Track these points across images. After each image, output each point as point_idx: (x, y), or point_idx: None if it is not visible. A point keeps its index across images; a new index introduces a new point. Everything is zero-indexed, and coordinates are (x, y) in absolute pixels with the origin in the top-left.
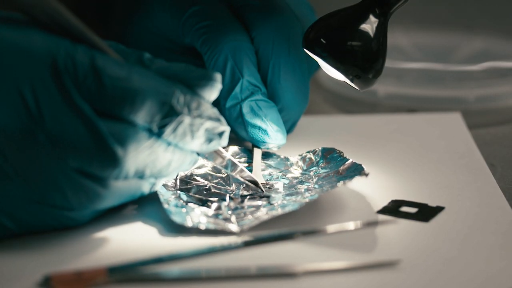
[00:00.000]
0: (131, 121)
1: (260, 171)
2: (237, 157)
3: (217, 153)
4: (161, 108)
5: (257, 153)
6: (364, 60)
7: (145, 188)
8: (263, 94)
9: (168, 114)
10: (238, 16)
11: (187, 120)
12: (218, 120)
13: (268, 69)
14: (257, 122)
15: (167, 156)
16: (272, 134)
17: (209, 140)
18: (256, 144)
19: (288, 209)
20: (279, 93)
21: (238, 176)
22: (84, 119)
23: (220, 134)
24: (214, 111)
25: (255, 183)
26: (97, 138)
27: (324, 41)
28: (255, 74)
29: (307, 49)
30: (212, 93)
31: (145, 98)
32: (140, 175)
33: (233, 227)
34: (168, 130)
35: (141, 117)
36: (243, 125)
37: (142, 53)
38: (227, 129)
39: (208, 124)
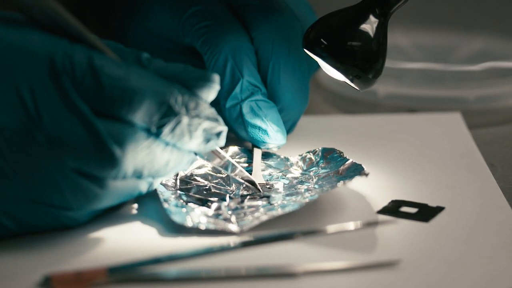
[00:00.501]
0: (129, 121)
1: (260, 171)
2: (237, 157)
3: (214, 153)
4: (159, 108)
5: (257, 153)
6: (364, 60)
7: (143, 187)
8: (263, 94)
9: (166, 114)
10: (237, 16)
11: (185, 120)
12: (216, 120)
13: (268, 69)
14: (257, 122)
15: (165, 156)
16: (272, 134)
17: (207, 140)
18: (256, 144)
19: (288, 209)
20: (279, 93)
21: (236, 177)
22: (82, 119)
23: (218, 134)
24: (212, 111)
25: (253, 183)
26: (95, 138)
27: (324, 41)
28: (255, 74)
29: (307, 49)
30: (210, 93)
31: (143, 98)
32: (138, 175)
33: (233, 227)
34: (166, 130)
35: (139, 117)
36: (243, 125)
37: (140, 53)
38: (224, 129)
39: (206, 124)
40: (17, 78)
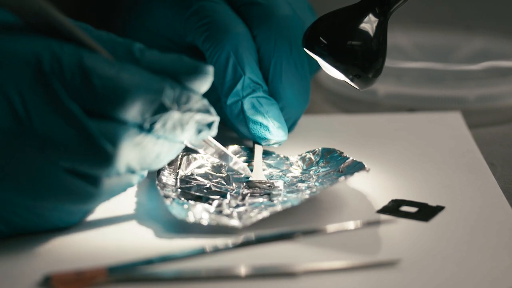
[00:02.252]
0: (121, 120)
1: (261, 169)
2: (238, 155)
3: (206, 142)
4: (151, 106)
5: (258, 150)
6: (364, 60)
7: (135, 180)
8: (264, 91)
9: (158, 110)
10: (239, 14)
11: (176, 115)
12: (207, 111)
13: (270, 68)
14: (259, 118)
15: (156, 149)
16: (273, 130)
17: (199, 131)
18: (258, 140)
19: (288, 204)
20: (280, 91)
21: (234, 166)
22: (74, 120)
23: (210, 125)
24: (204, 103)
25: (244, 170)
26: (88, 138)
27: (324, 40)
28: (256, 72)
29: (307, 48)
30: (203, 85)
31: (135, 96)
32: (131, 170)
33: (235, 222)
34: (158, 125)
35: (131, 115)
36: (244, 121)
37: (133, 44)
38: (216, 119)
39: (198, 116)
40: (4, 81)
